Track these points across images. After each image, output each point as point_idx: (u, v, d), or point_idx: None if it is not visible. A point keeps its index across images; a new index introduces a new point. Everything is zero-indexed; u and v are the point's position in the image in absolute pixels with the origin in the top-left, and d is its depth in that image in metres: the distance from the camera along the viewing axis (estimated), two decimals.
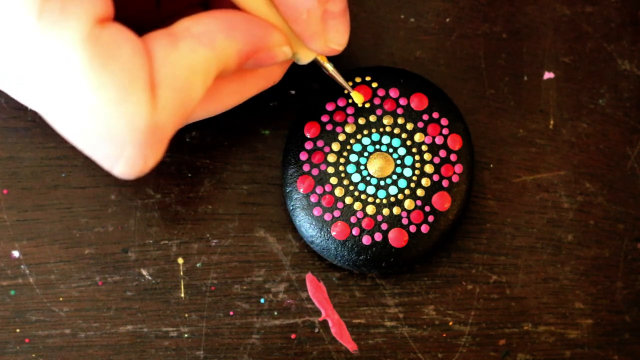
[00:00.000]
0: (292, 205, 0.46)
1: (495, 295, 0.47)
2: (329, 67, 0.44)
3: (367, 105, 0.46)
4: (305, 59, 0.42)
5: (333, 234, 0.45)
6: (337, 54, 0.42)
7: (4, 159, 0.47)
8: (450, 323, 0.47)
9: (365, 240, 0.45)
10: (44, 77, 0.35)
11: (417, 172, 0.46)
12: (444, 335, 0.47)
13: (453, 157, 0.46)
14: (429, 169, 0.46)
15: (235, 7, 0.40)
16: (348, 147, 0.46)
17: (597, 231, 0.48)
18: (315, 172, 0.46)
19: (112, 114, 0.35)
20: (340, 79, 0.44)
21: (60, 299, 0.46)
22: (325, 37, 0.41)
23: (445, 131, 0.46)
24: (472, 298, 0.47)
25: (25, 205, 0.47)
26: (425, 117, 0.46)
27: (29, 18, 0.35)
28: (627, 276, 0.48)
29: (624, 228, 0.48)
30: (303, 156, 0.46)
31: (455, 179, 0.46)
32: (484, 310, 0.47)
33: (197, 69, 0.37)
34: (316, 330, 0.47)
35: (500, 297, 0.47)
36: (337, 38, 0.41)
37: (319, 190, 0.46)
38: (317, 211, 0.45)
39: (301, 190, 0.46)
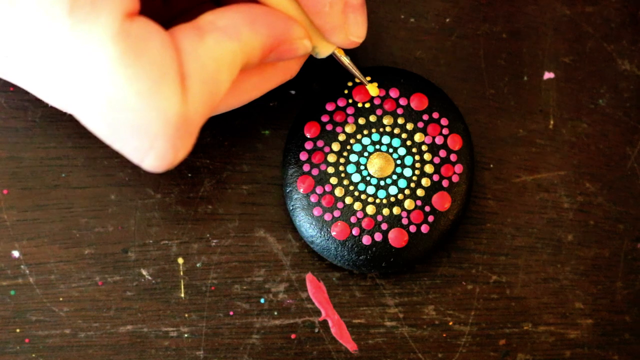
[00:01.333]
0: (292, 205, 0.46)
1: (495, 295, 0.47)
2: (346, 60, 0.44)
3: (367, 105, 0.46)
4: (324, 52, 0.43)
5: (333, 234, 0.45)
6: (355, 47, 0.43)
7: (4, 159, 0.47)
8: (450, 323, 0.47)
9: (365, 240, 0.45)
10: (76, 73, 0.36)
11: (417, 172, 0.46)
12: (444, 335, 0.47)
13: (453, 157, 0.46)
14: (429, 169, 0.46)
15: (255, 1, 0.40)
16: (348, 147, 0.46)
17: (597, 231, 0.48)
18: (315, 172, 0.46)
19: (144, 107, 0.36)
20: (356, 71, 0.45)
21: (60, 299, 0.46)
22: (346, 29, 0.42)
23: (445, 131, 0.46)
24: (472, 298, 0.47)
25: (25, 205, 0.47)
26: (425, 117, 0.46)
27: (60, 14, 0.35)
28: (627, 276, 0.48)
29: (624, 228, 0.48)
30: (303, 156, 0.46)
31: (455, 179, 0.46)
32: (484, 310, 0.47)
33: (223, 61, 0.38)
34: (316, 330, 0.47)
35: (500, 297, 0.47)
36: (357, 30, 0.42)
37: (319, 190, 0.46)
38: (317, 211, 0.45)
39: (301, 190, 0.46)
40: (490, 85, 0.48)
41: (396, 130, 0.46)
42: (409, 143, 0.46)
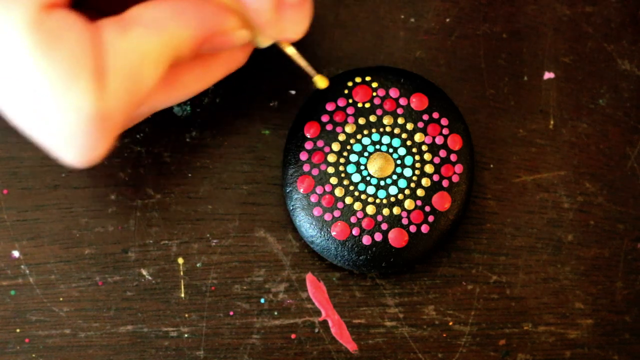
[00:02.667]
0: (292, 205, 0.46)
1: (495, 295, 0.47)
2: (290, 51, 0.43)
3: (367, 105, 0.46)
4: (264, 43, 0.42)
5: (333, 234, 0.45)
6: (297, 41, 0.42)
7: (4, 159, 0.47)
8: (451, 323, 0.47)
9: (365, 240, 0.45)
10: None
11: (417, 172, 0.46)
12: (444, 335, 0.47)
13: (453, 157, 0.46)
14: (429, 169, 0.46)
15: None
16: (348, 147, 0.46)
17: (597, 231, 0.48)
18: (315, 172, 0.46)
19: (59, 101, 0.35)
20: (302, 62, 0.43)
21: (60, 299, 0.46)
22: (280, 25, 0.40)
23: (445, 131, 0.46)
24: (472, 298, 0.47)
25: (25, 205, 0.47)
26: (425, 117, 0.46)
27: None
28: (627, 276, 0.48)
29: (624, 228, 0.48)
30: (303, 156, 0.46)
31: (455, 179, 0.46)
32: (484, 310, 0.47)
33: (147, 56, 0.37)
34: (316, 330, 0.47)
35: (500, 297, 0.47)
36: (292, 27, 0.41)
37: (319, 190, 0.46)
38: (317, 211, 0.45)
39: (301, 190, 0.46)
40: (490, 85, 0.48)
41: (396, 130, 0.46)
42: (409, 143, 0.46)
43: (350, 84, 0.46)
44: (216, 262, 0.47)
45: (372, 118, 0.46)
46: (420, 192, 0.45)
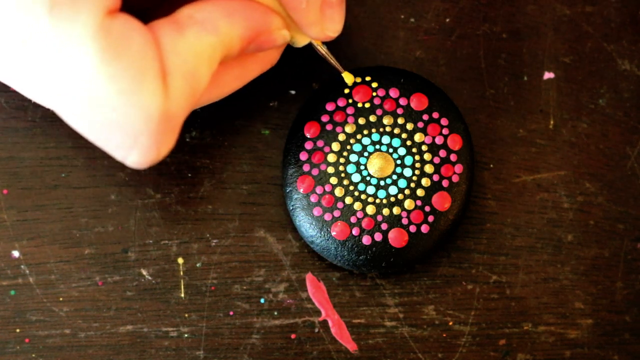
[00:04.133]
0: (292, 205, 0.46)
1: (495, 295, 0.47)
2: (323, 49, 0.44)
3: (367, 105, 0.46)
4: (301, 42, 0.43)
5: (333, 234, 0.45)
6: (332, 40, 0.43)
7: (4, 159, 0.47)
8: (450, 323, 0.47)
9: (365, 240, 0.45)
10: (58, 71, 0.35)
11: (417, 172, 0.46)
12: (444, 335, 0.47)
13: (453, 157, 0.46)
14: (429, 169, 0.46)
15: None
16: (348, 147, 0.46)
17: (597, 231, 0.48)
18: (315, 172, 0.46)
19: (126, 104, 0.36)
20: (333, 60, 0.45)
21: (60, 299, 0.46)
22: (322, 25, 0.42)
23: (445, 131, 0.46)
24: (472, 298, 0.47)
25: (25, 205, 0.47)
26: (425, 117, 0.46)
27: (41, 13, 0.35)
28: (627, 276, 0.48)
29: (624, 228, 0.48)
30: (303, 156, 0.46)
31: (455, 179, 0.46)
32: (484, 310, 0.47)
33: (203, 55, 0.38)
34: (316, 330, 0.47)
35: (500, 297, 0.47)
36: (333, 26, 0.42)
37: (319, 190, 0.46)
38: (317, 211, 0.45)
39: (301, 190, 0.46)
40: (490, 85, 0.48)
41: (396, 130, 0.46)
42: (409, 143, 0.46)
43: (350, 83, 0.46)
44: (216, 262, 0.47)
45: (372, 118, 0.46)
46: (420, 192, 0.45)
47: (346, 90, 0.46)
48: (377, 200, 0.45)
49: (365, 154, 0.46)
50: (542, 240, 0.48)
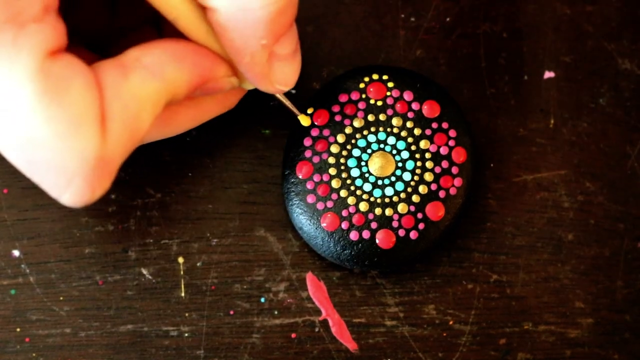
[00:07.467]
0: (287, 189, 0.46)
1: (496, 295, 0.47)
2: (279, 95, 0.44)
3: (380, 103, 0.46)
4: (250, 86, 0.42)
5: (323, 224, 0.45)
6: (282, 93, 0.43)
7: (4, 159, 0.47)
8: (451, 322, 0.47)
9: (353, 235, 0.45)
10: None
11: (416, 177, 0.46)
12: (445, 334, 0.47)
13: (454, 170, 0.46)
14: (428, 177, 0.46)
15: (184, 36, 0.40)
16: (353, 141, 0.46)
17: (598, 230, 0.48)
18: (316, 159, 0.46)
19: (62, 147, 0.35)
20: (288, 103, 0.45)
21: (61, 298, 0.46)
22: (270, 78, 0.41)
23: (451, 143, 0.46)
24: (472, 297, 0.47)
25: (25, 204, 0.47)
26: (434, 125, 0.46)
27: None
28: (628, 275, 0.48)
29: (624, 227, 0.48)
30: (307, 142, 0.46)
31: (452, 191, 0.46)
32: (484, 309, 0.47)
33: (147, 100, 0.37)
34: (316, 329, 0.47)
35: (500, 297, 0.47)
36: (283, 79, 0.41)
37: (316, 178, 0.46)
38: (310, 198, 0.45)
39: (299, 176, 0.46)
40: (490, 84, 0.48)
41: (403, 133, 0.46)
42: (413, 148, 0.46)
43: (366, 79, 0.46)
44: (216, 262, 0.47)
45: (382, 117, 0.46)
46: (415, 198, 0.45)
47: (361, 85, 0.46)
48: (372, 199, 0.45)
49: (369, 150, 0.46)
50: (543, 240, 0.48)
